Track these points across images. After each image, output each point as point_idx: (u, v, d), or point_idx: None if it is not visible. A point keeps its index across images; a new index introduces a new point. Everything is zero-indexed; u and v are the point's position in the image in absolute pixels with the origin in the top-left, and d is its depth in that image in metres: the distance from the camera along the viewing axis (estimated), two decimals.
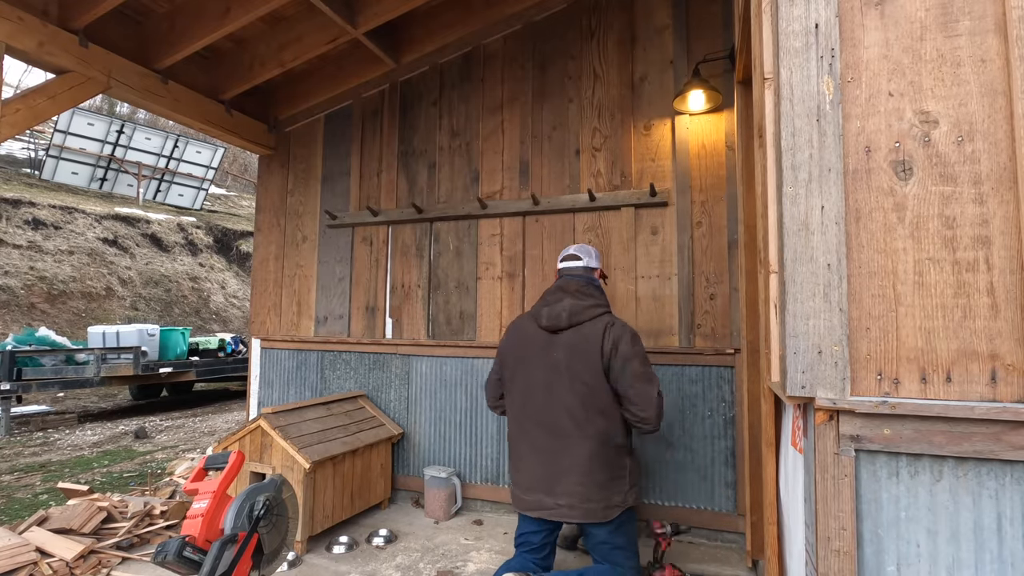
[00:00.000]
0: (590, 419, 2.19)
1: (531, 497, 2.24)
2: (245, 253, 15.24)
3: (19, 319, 9.87)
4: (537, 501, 2.22)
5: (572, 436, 2.20)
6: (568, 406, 2.21)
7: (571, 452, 2.19)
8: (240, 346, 9.19)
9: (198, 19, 3.28)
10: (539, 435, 2.26)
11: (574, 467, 2.18)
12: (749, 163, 2.39)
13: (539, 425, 2.26)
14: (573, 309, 2.27)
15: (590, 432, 2.19)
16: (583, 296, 2.31)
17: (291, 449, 2.78)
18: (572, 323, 2.26)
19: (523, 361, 2.35)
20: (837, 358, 1.15)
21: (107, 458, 5.22)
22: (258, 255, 4.30)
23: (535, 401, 2.28)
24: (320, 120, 4.18)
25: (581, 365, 2.21)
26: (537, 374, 2.29)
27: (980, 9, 1.13)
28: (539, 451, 2.25)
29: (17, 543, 2.51)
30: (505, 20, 3.60)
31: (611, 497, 2.18)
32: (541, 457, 2.24)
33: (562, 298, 2.32)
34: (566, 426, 2.21)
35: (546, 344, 2.30)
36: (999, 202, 1.10)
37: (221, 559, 1.61)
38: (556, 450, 2.22)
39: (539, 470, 2.24)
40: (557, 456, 2.21)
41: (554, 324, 2.28)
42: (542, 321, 2.32)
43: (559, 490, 2.18)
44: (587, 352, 2.20)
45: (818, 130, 1.20)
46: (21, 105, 2.90)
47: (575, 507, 2.15)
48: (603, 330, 2.21)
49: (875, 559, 1.13)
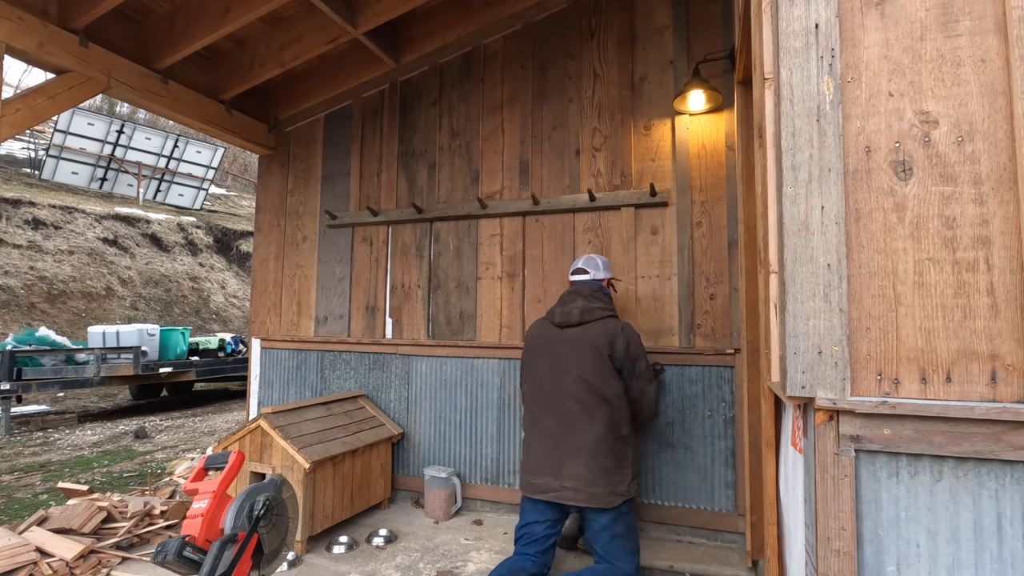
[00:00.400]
0: (596, 407, 2.36)
1: (538, 480, 2.38)
2: (245, 253, 15.24)
3: (19, 319, 9.87)
4: (544, 483, 2.36)
5: (578, 421, 2.36)
6: (575, 394, 2.40)
7: (577, 437, 2.35)
8: (240, 346, 9.19)
9: (198, 19, 3.28)
10: (548, 421, 2.44)
11: (580, 450, 2.32)
12: (749, 163, 2.39)
13: (548, 412, 2.45)
14: (585, 308, 2.51)
15: (596, 419, 2.36)
16: (594, 299, 2.56)
17: (291, 449, 2.78)
18: (583, 320, 2.49)
19: (536, 355, 2.57)
20: (837, 358, 1.15)
21: (107, 458, 5.22)
22: (258, 255, 4.30)
23: (545, 390, 2.48)
24: (320, 120, 4.18)
25: (590, 356, 2.41)
26: (547, 365, 2.50)
27: (980, 9, 1.13)
28: (547, 436, 2.42)
29: (17, 543, 2.51)
30: (505, 20, 3.60)
31: (615, 484, 2.31)
32: (549, 441, 2.40)
33: (575, 299, 2.57)
34: (573, 412, 2.37)
35: (556, 339, 2.52)
36: (999, 202, 1.10)
37: (221, 559, 1.61)
38: (563, 435, 2.37)
39: (547, 453, 2.39)
40: (564, 440, 2.37)
41: (566, 320, 2.52)
42: (555, 319, 2.56)
43: (565, 472, 2.32)
44: (595, 344, 2.42)
45: (818, 130, 1.20)
46: (21, 105, 2.90)
47: (580, 490, 2.28)
48: (615, 330, 2.44)
49: (875, 559, 1.13)
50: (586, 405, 2.37)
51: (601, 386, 2.37)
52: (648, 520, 3.01)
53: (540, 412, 2.47)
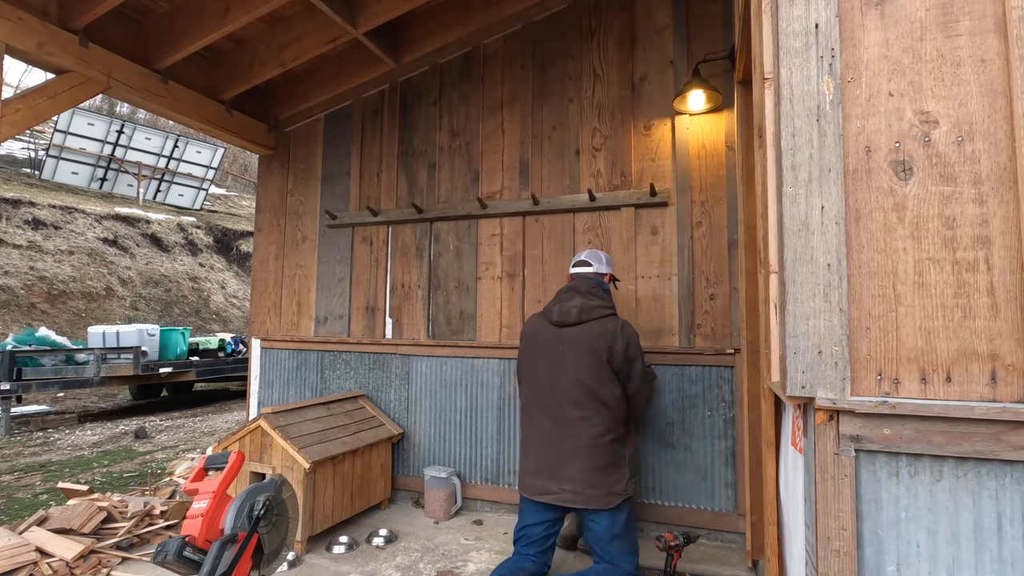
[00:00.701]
0: (593, 408, 2.33)
1: (537, 482, 2.36)
2: (245, 253, 15.24)
3: (19, 319, 9.87)
4: (543, 486, 2.34)
5: (576, 424, 2.33)
6: (572, 395, 2.36)
7: (575, 439, 2.32)
8: (240, 346, 9.18)
9: (198, 19, 3.28)
10: (545, 423, 2.40)
11: (578, 453, 2.30)
12: (749, 163, 2.39)
13: (545, 413, 2.41)
14: (583, 307, 2.44)
15: (594, 422, 2.33)
16: (592, 297, 2.49)
17: (291, 449, 2.78)
18: (581, 320, 2.42)
19: (533, 355, 2.51)
20: (837, 358, 1.14)
21: (107, 458, 5.22)
22: (258, 255, 4.30)
23: (542, 391, 2.43)
24: (320, 120, 4.18)
25: (587, 358, 2.36)
26: (544, 366, 2.45)
27: (980, 9, 1.13)
28: (545, 438, 2.39)
29: (17, 543, 2.51)
30: (505, 20, 3.60)
31: (612, 485, 2.30)
32: (547, 443, 2.38)
33: (573, 297, 2.50)
34: (570, 415, 2.34)
35: (554, 338, 2.45)
36: (999, 202, 1.10)
37: (221, 559, 1.61)
38: (560, 437, 2.35)
39: (545, 455, 2.37)
40: (561, 442, 2.34)
41: (564, 319, 2.45)
42: (552, 317, 2.49)
43: (564, 475, 2.30)
44: (593, 347, 2.36)
45: (818, 130, 1.20)
46: (21, 105, 2.90)
47: (578, 492, 2.27)
48: (614, 330, 2.39)
49: (875, 559, 1.13)
50: (584, 408, 2.33)
51: (599, 389, 2.34)
52: (648, 520, 3.01)
53: (537, 414, 2.44)
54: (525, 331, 2.61)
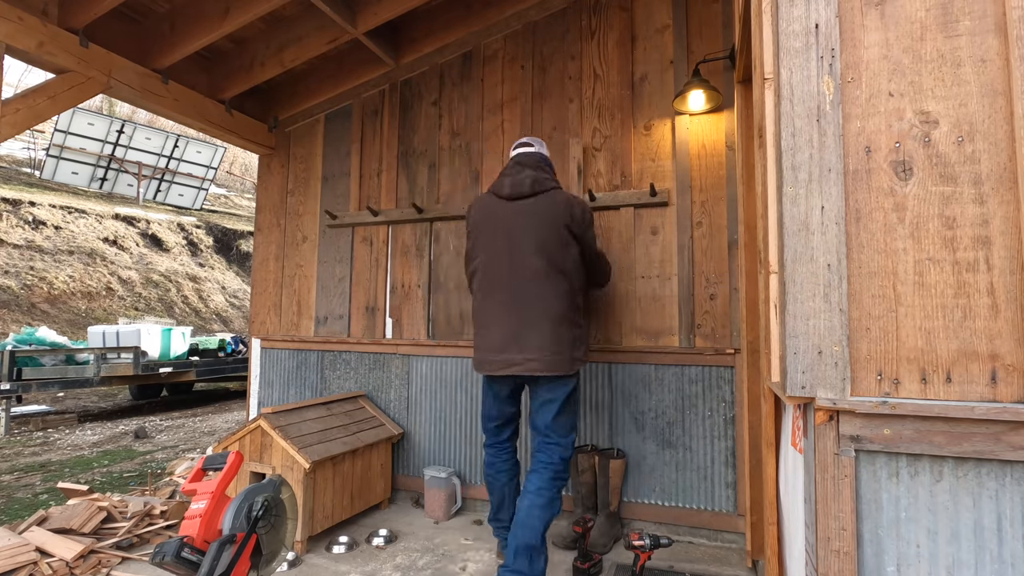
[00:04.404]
0: (553, 278, 2.36)
1: (500, 356, 2.37)
2: (245, 253, 15.24)
3: (19, 319, 9.87)
4: (507, 359, 2.35)
5: (538, 293, 2.35)
6: (533, 266, 2.36)
7: (537, 308, 2.34)
8: (240, 346, 9.18)
9: (198, 19, 3.28)
10: (505, 296, 2.39)
11: (542, 320, 2.33)
12: (749, 163, 2.39)
13: (505, 288, 2.40)
14: (536, 178, 2.42)
15: (556, 290, 2.36)
16: (541, 170, 2.48)
17: (291, 449, 2.78)
18: (535, 191, 2.40)
19: (491, 232, 2.46)
20: (837, 358, 1.14)
21: (107, 458, 5.22)
22: (258, 255, 4.30)
23: (500, 266, 2.42)
24: (320, 120, 4.18)
25: (547, 228, 2.36)
26: (500, 241, 2.42)
27: (980, 9, 1.13)
28: (507, 311, 2.38)
29: (17, 543, 2.51)
30: (505, 20, 3.60)
31: (574, 350, 2.36)
32: (509, 317, 2.37)
33: (523, 170, 2.46)
34: (531, 285, 2.36)
35: (509, 213, 2.43)
36: (999, 202, 1.10)
37: (219, 560, 1.61)
38: (523, 308, 2.36)
39: (509, 328, 2.37)
40: (524, 312, 2.35)
41: (517, 192, 2.41)
42: (504, 191, 2.44)
43: (528, 343, 2.32)
44: (553, 214, 2.37)
45: (818, 130, 1.20)
46: (21, 105, 2.90)
47: (543, 360, 2.30)
48: (569, 198, 2.40)
49: (875, 559, 1.13)
50: (546, 276, 2.35)
51: (559, 257, 2.36)
52: (648, 520, 3.01)
53: (496, 289, 2.42)
54: (474, 214, 2.55)
